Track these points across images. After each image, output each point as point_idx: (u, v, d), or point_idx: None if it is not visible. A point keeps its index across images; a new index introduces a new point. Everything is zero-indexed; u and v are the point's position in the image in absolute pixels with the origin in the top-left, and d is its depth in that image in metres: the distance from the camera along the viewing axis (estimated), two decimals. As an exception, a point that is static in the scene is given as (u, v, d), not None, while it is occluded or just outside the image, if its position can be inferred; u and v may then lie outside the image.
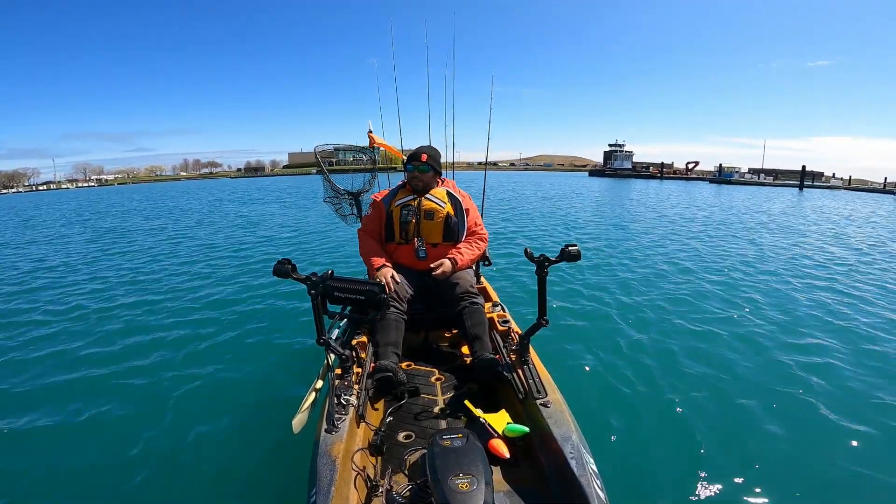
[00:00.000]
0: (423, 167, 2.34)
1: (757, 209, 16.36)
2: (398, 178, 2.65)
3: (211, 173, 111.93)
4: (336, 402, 1.54)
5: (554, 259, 1.66)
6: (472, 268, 2.51)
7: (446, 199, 2.36)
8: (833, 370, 3.11)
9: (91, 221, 14.80)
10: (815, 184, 38.93)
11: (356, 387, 1.66)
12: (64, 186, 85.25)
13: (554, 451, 1.37)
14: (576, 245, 1.64)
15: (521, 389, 1.66)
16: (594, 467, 1.32)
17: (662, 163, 60.86)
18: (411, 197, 2.34)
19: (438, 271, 2.20)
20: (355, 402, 1.58)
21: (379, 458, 1.51)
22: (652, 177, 54.14)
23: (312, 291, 1.60)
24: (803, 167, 38.31)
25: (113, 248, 8.94)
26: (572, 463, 1.28)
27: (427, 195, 2.34)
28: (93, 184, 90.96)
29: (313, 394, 1.75)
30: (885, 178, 34.32)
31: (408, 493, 1.29)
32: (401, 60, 3.68)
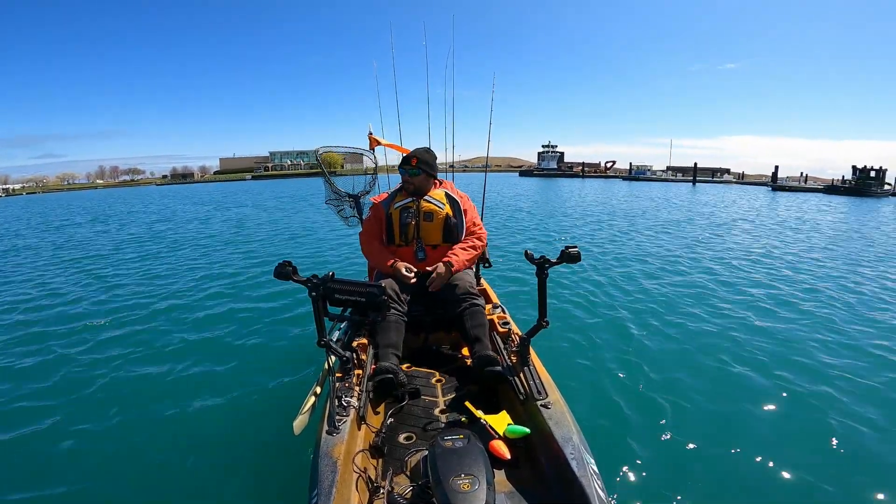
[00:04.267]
0: (413, 171, 2.35)
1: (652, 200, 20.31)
2: (396, 180, 2.66)
3: (132, 180, 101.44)
4: (337, 403, 1.54)
5: (554, 260, 1.67)
6: (472, 269, 2.52)
7: (445, 201, 2.37)
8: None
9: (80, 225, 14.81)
10: (714, 179, 47.02)
11: (357, 388, 1.66)
12: (-32, 198, 73.53)
13: (555, 452, 1.37)
14: (576, 247, 1.64)
15: (522, 390, 1.66)
16: (595, 468, 1.32)
17: (584, 163, 66.59)
18: (410, 199, 2.35)
19: (434, 276, 2.20)
20: (356, 403, 1.58)
21: (380, 459, 1.51)
22: (575, 175, 59.35)
23: (313, 293, 1.60)
24: (695, 164, 46.10)
25: (105, 251, 8.94)
26: (573, 464, 1.28)
27: (426, 197, 2.35)
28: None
29: (314, 395, 1.75)
30: (772, 173, 39.90)
31: (409, 495, 1.29)
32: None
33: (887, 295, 5.00)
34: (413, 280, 2.22)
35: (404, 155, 2.43)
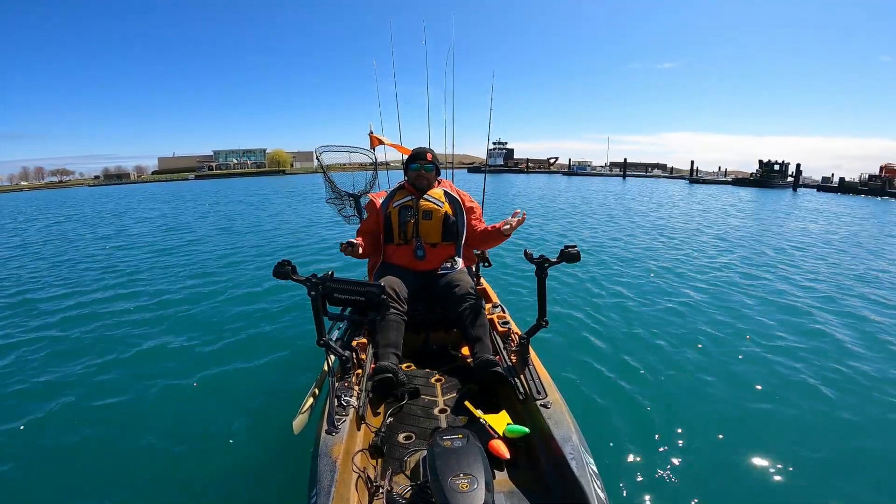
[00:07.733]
0: (429, 166, 2.37)
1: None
2: (397, 178, 2.66)
3: (61, 182, 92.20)
4: (336, 403, 1.54)
5: (553, 260, 1.67)
6: (471, 269, 2.52)
7: (444, 199, 2.37)
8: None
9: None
10: (645, 174, 50.04)
11: (356, 388, 1.66)
12: None
13: (554, 452, 1.37)
14: (575, 246, 1.64)
15: (522, 390, 1.66)
16: (594, 468, 1.33)
17: (528, 159, 70.27)
18: (409, 198, 2.35)
19: (511, 225, 2.11)
20: (355, 403, 1.58)
21: (379, 459, 1.51)
22: (521, 171, 62.44)
23: (312, 293, 1.60)
24: (625, 160, 49.41)
25: (102, 247, 8.94)
26: (572, 463, 1.28)
27: (425, 195, 2.36)
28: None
29: (313, 395, 1.75)
30: (695, 169, 42.39)
31: (408, 494, 1.29)
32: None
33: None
34: (357, 249, 2.15)
35: (416, 150, 2.43)
